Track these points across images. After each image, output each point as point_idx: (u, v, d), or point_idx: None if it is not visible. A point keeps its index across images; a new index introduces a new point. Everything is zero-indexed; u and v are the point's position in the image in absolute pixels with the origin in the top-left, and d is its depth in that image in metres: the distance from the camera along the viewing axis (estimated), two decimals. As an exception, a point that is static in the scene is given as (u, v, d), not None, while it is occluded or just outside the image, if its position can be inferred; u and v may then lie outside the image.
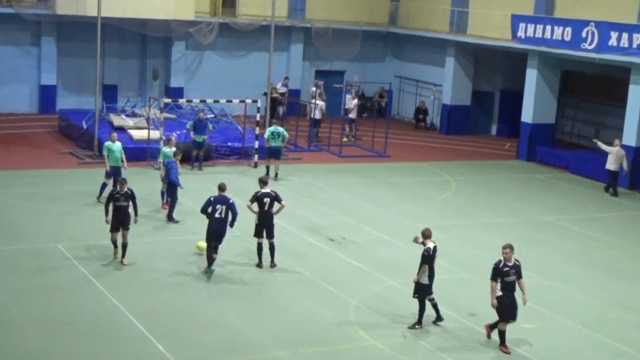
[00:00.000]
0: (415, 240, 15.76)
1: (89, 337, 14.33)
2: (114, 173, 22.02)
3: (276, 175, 26.42)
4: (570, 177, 30.19)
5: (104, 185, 22.28)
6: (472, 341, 15.21)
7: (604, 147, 28.06)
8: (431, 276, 15.53)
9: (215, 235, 17.51)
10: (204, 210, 17.65)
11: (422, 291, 15.53)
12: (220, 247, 19.38)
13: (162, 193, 22.23)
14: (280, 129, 26.60)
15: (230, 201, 17.65)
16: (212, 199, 17.57)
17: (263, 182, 18.34)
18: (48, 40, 34.57)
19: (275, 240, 18.31)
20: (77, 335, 14.41)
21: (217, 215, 17.43)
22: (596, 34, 28.63)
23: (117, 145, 22.37)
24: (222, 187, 17.84)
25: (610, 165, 27.68)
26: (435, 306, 15.73)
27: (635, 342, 15.70)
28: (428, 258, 15.37)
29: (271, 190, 18.19)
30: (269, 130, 26.72)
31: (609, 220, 24.69)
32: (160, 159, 22.17)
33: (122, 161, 22.36)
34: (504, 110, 37.58)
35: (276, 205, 18.19)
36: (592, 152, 31.63)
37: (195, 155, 26.96)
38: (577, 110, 35.52)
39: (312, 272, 18.20)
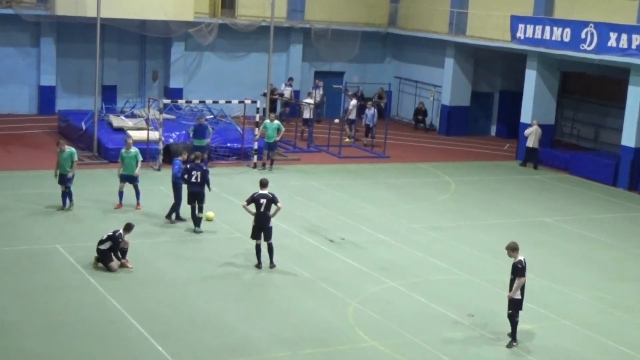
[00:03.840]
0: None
1: (88, 338, 14.32)
2: (61, 180, 21.50)
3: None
4: (569, 178, 30.19)
5: (62, 194, 21.72)
6: (471, 342, 15.20)
7: (526, 132, 31.32)
8: (522, 291, 15.07)
9: (193, 196, 20.34)
10: (182, 177, 20.52)
11: (516, 306, 15.03)
12: (219, 247, 19.47)
13: (120, 193, 22.10)
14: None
15: (205, 167, 20.55)
16: (188, 166, 20.43)
17: (262, 184, 18.33)
18: (47, 41, 34.57)
19: (273, 241, 18.29)
20: (77, 335, 14.41)
21: (193, 180, 20.27)
22: (595, 34, 28.64)
23: (65, 152, 21.49)
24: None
25: (532, 143, 31.03)
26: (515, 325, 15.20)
27: (634, 342, 15.69)
28: (522, 270, 14.89)
29: (268, 192, 18.17)
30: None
31: (609, 221, 24.69)
32: (119, 160, 22.24)
33: (71, 168, 21.52)
34: (503, 111, 37.58)
35: (273, 207, 18.16)
36: (591, 153, 31.68)
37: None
38: (576, 111, 35.52)
39: (311, 273, 18.19)
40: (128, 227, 17.88)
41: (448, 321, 16.03)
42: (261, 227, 18.08)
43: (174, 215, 21.21)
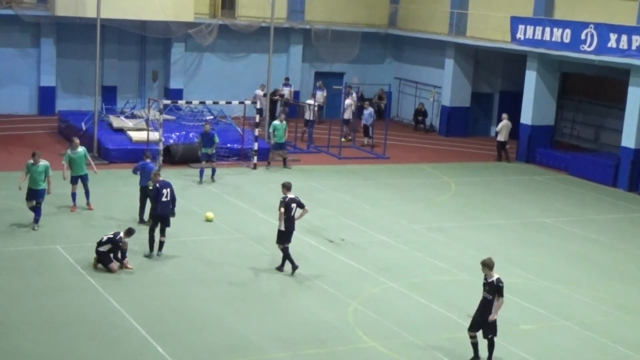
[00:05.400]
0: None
1: (89, 339, 14.32)
2: (33, 196, 20.01)
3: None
4: (569, 178, 30.20)
5: (32, 209, 20.13)
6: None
7: (498, 128, 32.54)
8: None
9: (159, 218, 18.34)
10: (148, 188, 18.91)
11: (495, 328, 14.13)
12: (219, 248, 19.46)
13: (73, 194, 21.54)
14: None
15: (172, 185, 18.69)
16: (157, 185, 18.37)
17: (287, 187, 18.08)
18: (47, 42, 34.59)
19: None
20: (77, 336, 14.41)
21: (163, 199, 18.28)
22: (595, 35, 28.65)
23: (40, 166, 19.96)
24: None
25: (504, 137, 32.24)
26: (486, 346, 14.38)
27: (634, 343, 15.70)
28: (503, 289, 13.95)
29: (295, 196, 18.13)
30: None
31: (609, 222, 24.69)
32: (64, 162, 21.47)
33: (48, 184, 20.14)
34: (504, 111, 37.43)
35: (298, 211, 18.01)
36: (591, 154, 31.68)
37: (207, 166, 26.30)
38: (576, 112, 35.53)
39: (311, 273, 18.19)
40: (129, 232, 17.82)
41: (448, 322, 16.03)
42: (291, 231, 17.98)
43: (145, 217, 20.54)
